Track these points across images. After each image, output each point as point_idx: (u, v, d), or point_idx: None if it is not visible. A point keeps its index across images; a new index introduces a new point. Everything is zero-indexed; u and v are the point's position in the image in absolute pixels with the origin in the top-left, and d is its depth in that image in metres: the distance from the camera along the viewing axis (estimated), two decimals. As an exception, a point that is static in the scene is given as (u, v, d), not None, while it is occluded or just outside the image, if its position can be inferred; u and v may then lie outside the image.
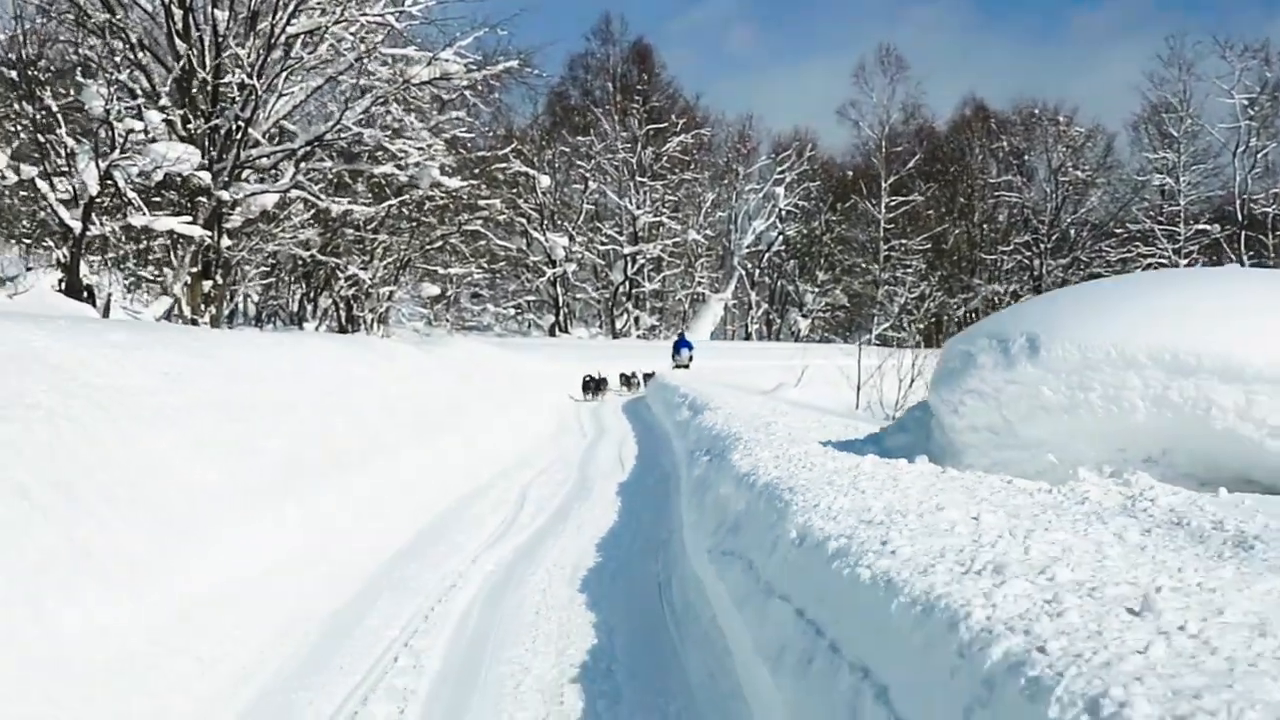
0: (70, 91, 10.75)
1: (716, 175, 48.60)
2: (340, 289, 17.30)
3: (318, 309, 18.47)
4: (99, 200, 10.29)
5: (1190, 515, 3.61)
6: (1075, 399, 4.68)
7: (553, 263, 40.36)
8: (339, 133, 12.61)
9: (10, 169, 9.79)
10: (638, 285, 44.38)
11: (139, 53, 11.56)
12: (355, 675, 4.07)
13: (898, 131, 47.36)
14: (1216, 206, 38.38)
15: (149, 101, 11.31)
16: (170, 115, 11.23)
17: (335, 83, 13.33)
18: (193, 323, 11.35)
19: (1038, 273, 43.55)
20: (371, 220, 16.05)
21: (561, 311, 42.43)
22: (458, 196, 16.69)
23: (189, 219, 10.99)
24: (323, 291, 18.11)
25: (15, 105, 10.22)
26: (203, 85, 11.57)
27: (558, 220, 42.31)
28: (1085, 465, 4.73)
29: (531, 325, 42.69)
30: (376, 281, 17.31)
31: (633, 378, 21.77)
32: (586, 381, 19.85)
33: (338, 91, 13.92)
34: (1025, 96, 50.34)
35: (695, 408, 11.47)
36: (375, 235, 16.66)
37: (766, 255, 47.94)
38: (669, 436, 12.05)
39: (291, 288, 20.75)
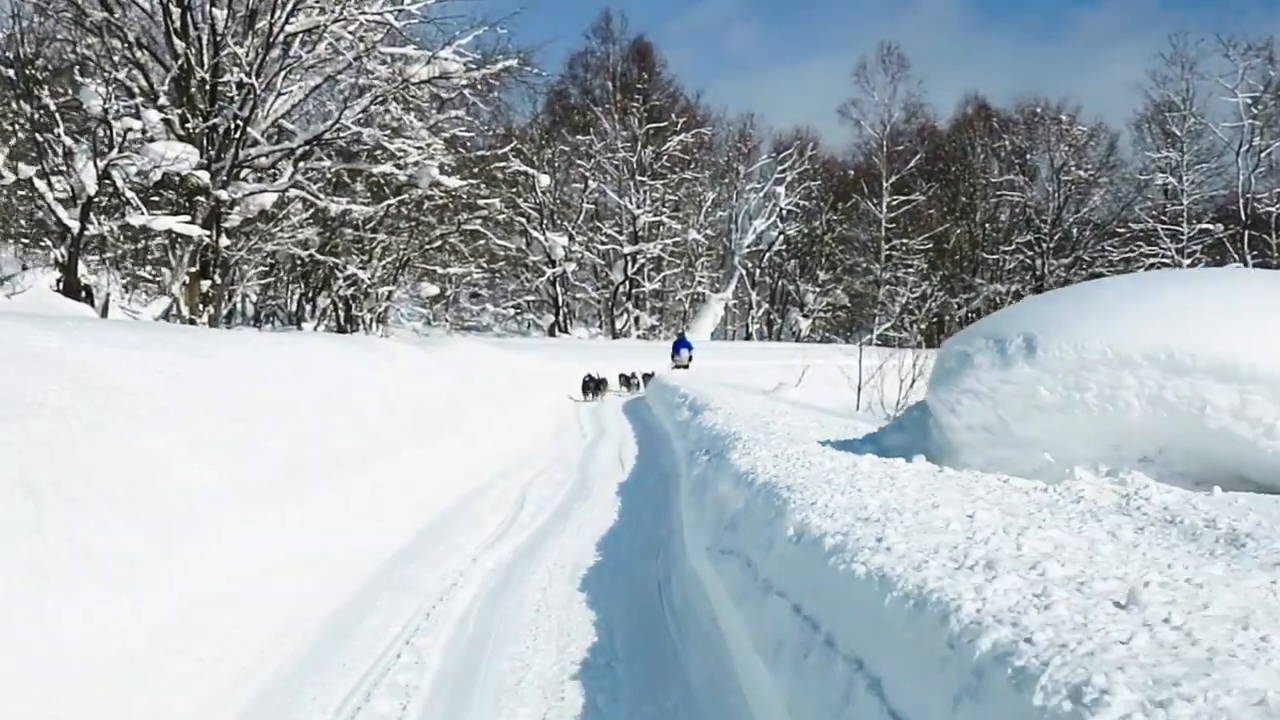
0: (68, 90, 10.74)
1: (717, 174, 48.33)
2: (339, 289, 17.26)
3: (316, 309, 18.42)
4: (97, 199, 10.26)
5: (1184, 513, 3.64)
6: (1071, 399, 4.71)
7: (552, 262, 40.18)
8: (338, 132, 12.57)
9: (8, 168, 9.77)
10: (638, 285, 44.16)
11: (137, 51, 11.54)
12: (357, 673, 4.09)
13: (899, 130, 47.16)
14: (1220, 206, 38.03)
15: (147, 100, 11.29)
16: (168, 114, 11.21)
17: (334, 82, 13.32)
18: (191, 322, 11.34)
19: (1040, 272, 43.26)
20: (370, 220, 16.03)
21: (561, 311, 42.26)
22: (457, 196, 16.64)
23: (187, 218, 10.97)
24: (321, 291, 18.07)
25: (13, 104, 10.17)
26: (201, 84, 11.55)
27: (557, 220, 42.16)
28: (1081, 464, 4.75)
29: (531, 325, 42.52)
30: (375, 281, 17.28)
31: (632, 378, 21.64)
32: (586, 382, 19.81)
33: (336, 90, 13.91)
34: (1027, 95, 50.10)
35: (695, 408, 11.49)
36: (374, 235, 16.62)
37: (767, 255, 47.67)
38: (669, 437, 12.06)
39: (290, 287, 20.72)
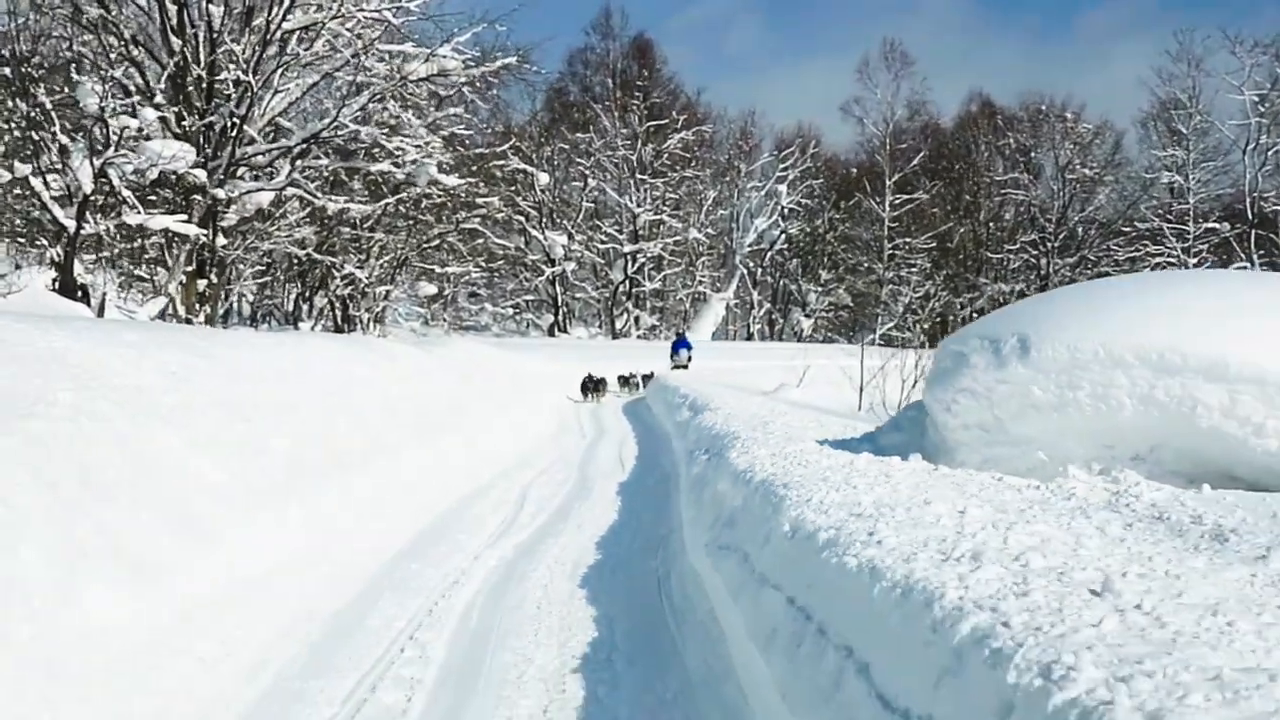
0: (64, 88, 10.71)
1: (718, 172, 48.06)
2: (336, 288, 17.25)
3: (313, 308, 18.40)
4: (93, 198, 10.23)
5: (1171, 510, 3.71)
6: (1064, 398, 4.77)
7: (551, 261, 40.02)
8: (335, 130, 12.52)
9: (3, 166, 9.73)
10: (638, 284, 43.93)
11: (133, 49, 11.52)
12: (362, 668, 4.15)
13: (902, 128, 46.82)
14: (1226, 205, 37.71)
15: (143, 98, 11.27)
16: (165, 112, 11.18)
17: (331, 79, 13.32)
18: (187, 322, 11.34)
19: (1044, 272, 42.94)
20: (368, 218, 16.04)
21: (560, 311, 42.10)
22: (455, 194, 16.61)
23: (184, 217, 10.97)
24: (318, 291, 18.05)
25: (9, 102, 10.11)
26: (197, 82, 11.54)
27: (557, 218, 42.04)
28: (1074, 462, 4.81)
29: (530, 325, 42.37)
30: (373, 280, 17.28)
31: (631, 378, 21.49)
32: (585, 383, 19.74)
33: (334, 88, 13.94)
34: (1032, 93, 49.70)
35: (695, 408, 11.54)
36: (372, 234, 16.61)
37: (769, 254, 47.37)
38: (669, 437, 12.10)
39: (287, 287, 20.70)
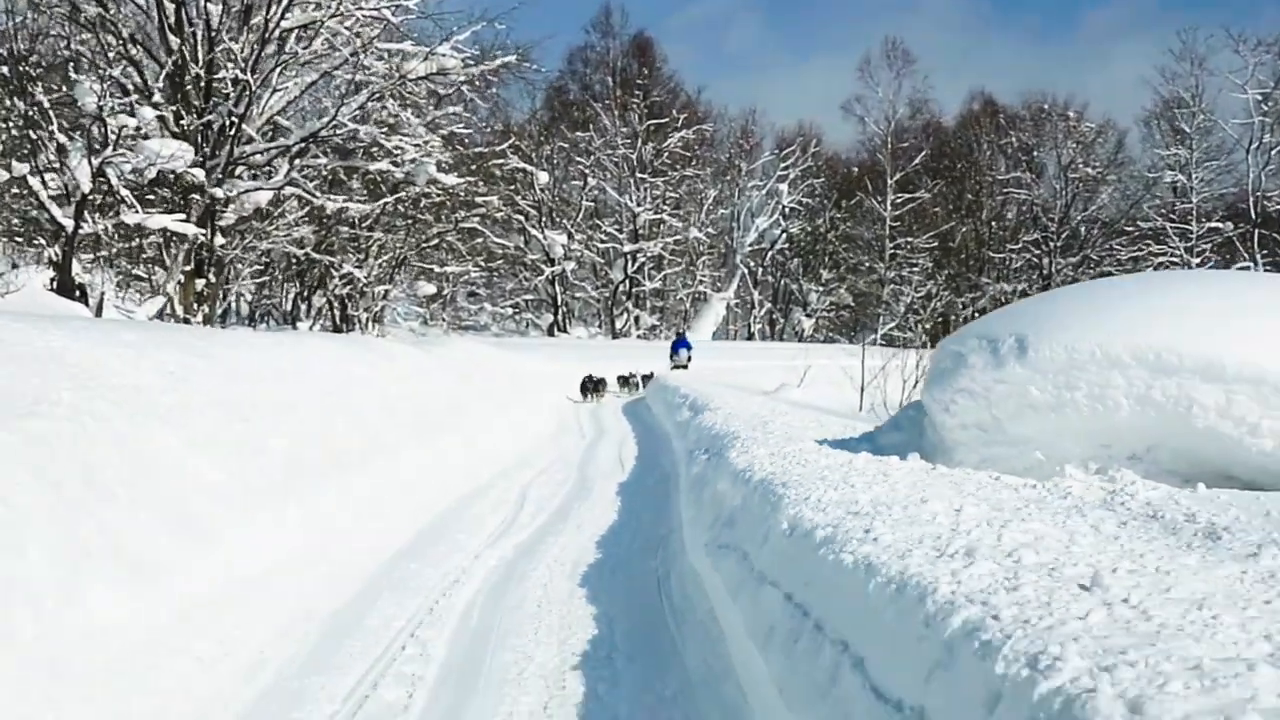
0: (62, 87, 10.69)
1: (719, 171, 47.91)
2: (335, 288, 17.23)
3: (312, 308, 18.39)
4: (91, 197, 10.23)
5: (1166, 509, 3.74)
6: (1062, 398, 4.79)
7: (551, 261, 39.92)
8: (334, 129, 12.48)
9: (1, 165, 9.73)
10: (638, 284, 43.79)
11: (131, 48, 11.49)
12: (363, 665, 4.16)
13: (904, 127, 46.57)
14: (1230, 204, 37.61)
15: (141, 97, 11.26)
16: (163, 111, 11.17)
17: (330, 78, 13.29)
18: (185, 322, 11.33)
19: (1047, 271, 42.75)
20: (367, 218, 16.01)
21: (560, 311, 41.99)
22: (454, 193, 16.59)
23: (182, 217, 10.96)
24: (317, 290, 18.04)
25: (6, 100, 10.09)
26: (196, 81, 11.53)
27: (556, 217, 41.96)
28: (1071, 462, 4.83)
29: (529, 325, 42.24)
30: (372, 280, 17.25)
31: (631, 378, 21.44)
32: (585, 383, 19.70)
33: (333, 87, 13.90)
34: (1034, 91, 49.15)
35: (696, 408, 11.56)
36: (370, 233, 16.58)
37: (769, 253, 47.25)
38: (669, 437, 12.10)
39: (285, 286, 20.67)
